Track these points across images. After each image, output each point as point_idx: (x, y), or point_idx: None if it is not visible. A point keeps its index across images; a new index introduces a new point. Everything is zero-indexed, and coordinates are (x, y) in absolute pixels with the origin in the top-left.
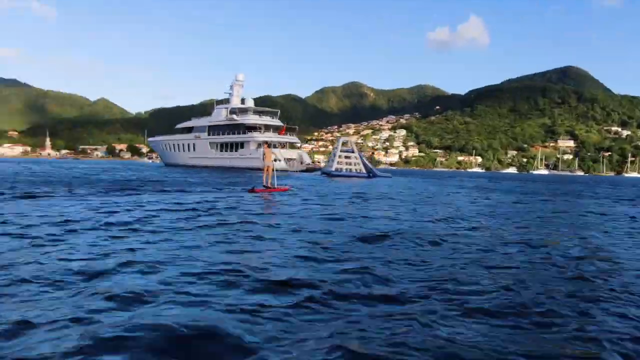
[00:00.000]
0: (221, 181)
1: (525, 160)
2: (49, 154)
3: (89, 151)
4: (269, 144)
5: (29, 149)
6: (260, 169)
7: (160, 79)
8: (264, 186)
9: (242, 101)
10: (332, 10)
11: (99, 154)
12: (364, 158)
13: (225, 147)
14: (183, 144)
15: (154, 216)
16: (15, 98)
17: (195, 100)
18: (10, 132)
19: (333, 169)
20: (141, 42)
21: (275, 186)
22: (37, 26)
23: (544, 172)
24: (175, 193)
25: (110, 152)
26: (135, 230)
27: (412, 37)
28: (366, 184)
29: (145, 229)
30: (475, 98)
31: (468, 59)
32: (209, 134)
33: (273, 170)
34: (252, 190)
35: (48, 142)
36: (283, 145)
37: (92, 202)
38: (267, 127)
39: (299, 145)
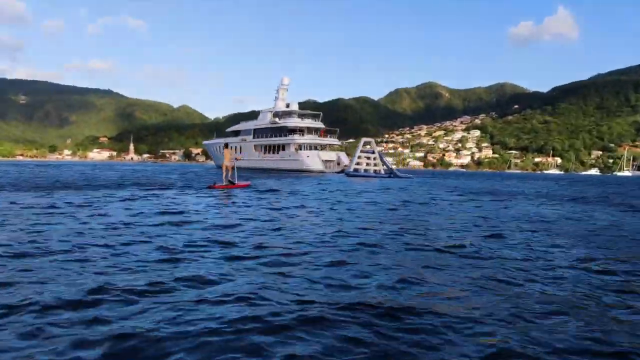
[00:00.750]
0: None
1: (611, 161)
2: (131, 158)
3: (167, 155)
4: (228, 146)
5: (114, 153)
6: (297, 171)
7: (238, 85)
8: (229, 182)
9: (287, 105)
10: (405, 8)
11: (177, 157)
12: (385, 159)
13: (268, 149)
14: (230, 147)
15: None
16: (108, 107)
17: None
18: (102, 139)
19: (352, 169)
20: (221, 50)
21: (236, 182)
22: (129, 39)
23: (628, 173)
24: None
25: (187, 155)
26: None
27: (492, 33)
28: (366, 184)
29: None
30: (558, 95)
31: (553, 54)
32: (254, 137)
33: (234, 168)
34: (212, 187)
35: (132, 147)
36: (323, 147)
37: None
38: (309, 130)
39: (339, 146)
